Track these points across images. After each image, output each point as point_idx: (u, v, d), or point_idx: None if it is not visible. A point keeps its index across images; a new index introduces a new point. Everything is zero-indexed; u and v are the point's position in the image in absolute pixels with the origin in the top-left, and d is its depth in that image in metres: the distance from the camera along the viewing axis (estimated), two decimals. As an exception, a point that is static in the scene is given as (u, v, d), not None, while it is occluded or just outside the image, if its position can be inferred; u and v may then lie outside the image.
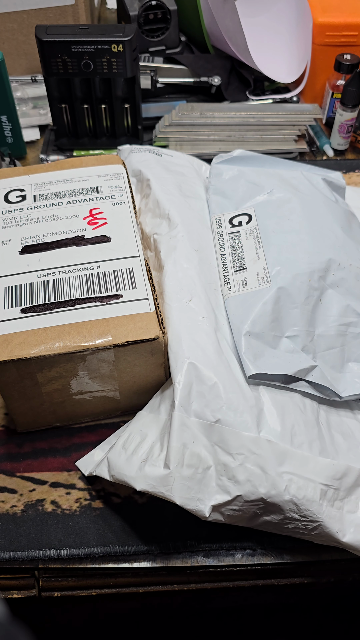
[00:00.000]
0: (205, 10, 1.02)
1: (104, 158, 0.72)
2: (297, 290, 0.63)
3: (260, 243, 0.67)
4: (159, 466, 0.54)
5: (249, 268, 0.66)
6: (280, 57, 1.07)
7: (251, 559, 0.60)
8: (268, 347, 0.61)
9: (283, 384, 0.60)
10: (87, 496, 0.63)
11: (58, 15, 1.02)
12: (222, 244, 0.69)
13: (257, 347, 0.60)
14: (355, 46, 1.01)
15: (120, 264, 0.61)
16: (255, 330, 0.60)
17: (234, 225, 0.70)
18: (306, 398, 0.61)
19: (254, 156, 0.80)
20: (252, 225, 0.70)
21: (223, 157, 0.79)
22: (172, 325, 0.59)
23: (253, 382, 0.59)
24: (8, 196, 0.67)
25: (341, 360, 0.64)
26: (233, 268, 0.66)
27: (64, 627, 0.74)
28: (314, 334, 0.63)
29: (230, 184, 0.75)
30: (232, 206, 0.73)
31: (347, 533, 0.54)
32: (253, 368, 0.58)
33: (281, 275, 0.64)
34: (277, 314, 0.62)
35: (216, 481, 0.55)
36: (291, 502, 0.54)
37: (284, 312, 0.62)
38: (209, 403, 0.56)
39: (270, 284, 0.63)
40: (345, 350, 0.65)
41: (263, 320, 0.61)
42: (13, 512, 0.61)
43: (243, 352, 0.59)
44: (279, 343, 0.61)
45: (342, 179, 0.80)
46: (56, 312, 0.57)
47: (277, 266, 0.65)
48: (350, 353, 0.65)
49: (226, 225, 0.71)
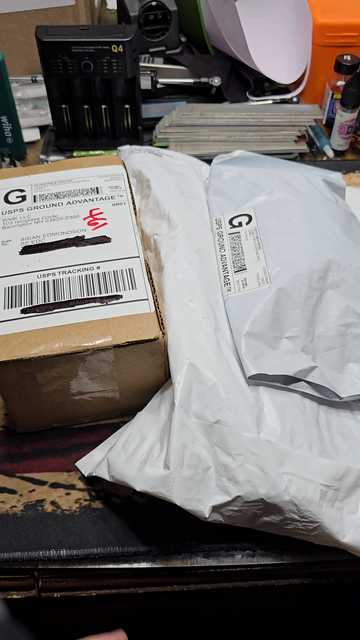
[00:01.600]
0: (206, 11, 1.02)
1: (104, 158, 0.72)
2: (297, 290, 0.63)
3: (260, 244, 0.67)
4: (158, 467, 0.54)
5: (249, 268, 0.66)
6: (281, 57, 1.07)
7: (251, 560, 0.60)
8: (268, 347, 0.61)
9: (283, 385, 0.60)
10: (86, 497, 0.62)
11: (58, 16, 1.02)
12: (222, 245, 0.69)
13: (257, 347, 0.60)
14: (355, 47, 1.01)
15: (120, 264, 0.61)
16: (255, 331, 0.60)
17: (234, 225, 0.70)
18: (306, 398, 0.61)
19: (254, 157, 0.80)
20: (252, 225, 0.70)
21: (223, 158, 0.79)
22: (172, 325, 0.59)
23: (253, 382, 0.59)
24: (8, 196, 0.67)
25: (341, 361, 0.64)
26: (233, 269, 0.66)
27: (63, 628, 0.74)
28: (314, 334, 0.63)
29: (230, 185, 0.75)
30: (232, 207, 0.73)
31: (347, 534, 0.54)
32: (253, 369, 0.58)
33: (281, 275, 0.64)
34: (277, 315, 0.62)
35: (216, 482, 0.55)
36: (291, 503, 0.54)
37: (284, 312, 0.62)
38: (209, 403, 0.56)
39: (270, 285, 0.63)
40: (345, 350, 0.65)
41: (263, 321, 0.61)
42: (13, 512, 0.61)
43: (243, 352, 0.59)
44: (279, 343, 0.61)
45: (342, 179, 0.80)
46: (56, 312, 0.57)
47: (277, 267, 0.65)
48: (350, 354, 0.65)
49: (226, 226, 0.71)
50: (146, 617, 0.73)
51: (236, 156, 0.79)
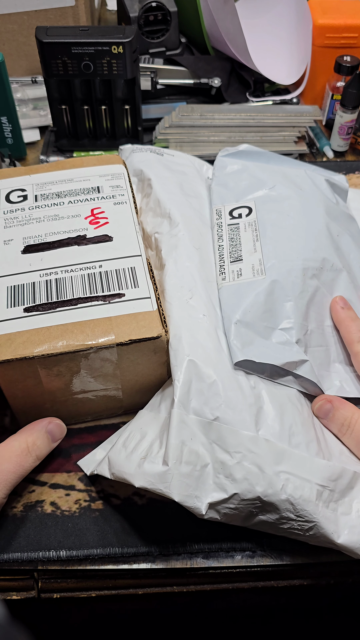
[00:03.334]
0: (206, 12, 1.02)
1: (104, 158, 0.71)
2: (291, 284, 0.64)
3: (258, 236, 0.68)
4: (157, 463, 0.54)
5: (245, 259, 0.66)
6: (280, 58, 1.07)
7: (250, 561, 0.60)
8: (259, 337, 0.61)
9: (268, 377, 0.60)
10: (86, 497, 0.62)
11: (58, 17, 1.02)
12: (221, 235, 0.69)
13: (246, 335, 0.60)
14: (356, 48, 1.01)
15: (122, 263, 0.61)
16: (246, 319, 0.61)
17: (233, 217, 0.71)
18: (303, 398, 0.61)
19: (259, 152, 0.81)
20: (251, 218, 0.70)
21: (229, 151, 0.80)
22: (172, 322, 0.59)
23: (253, 379, 0.59)
24: (9, 196, 0.67)
25: (327, 359, 0.65)
26: (229, 259, 0.67)
27: (63, 629, 0.74)
28: (307, 328, 0.64)
29: (233, 177, 0.76)
30: (233, 198, 0.73)
31: (342, 534, 0.54)
32: (240, 355, 0.58)
33: (276, 268, 0.64)
34: (270, 306, 0.62)
35: (213, 479, 0.55)
36: (287, 502, 0.54)
37: (277, 304, 0.63)
38: (208, 401, 0.56)
39: (264, 276, 0.64)
40: (331, 350, 0.65)
41: (255, 310, 0.61)
42: (12, 513, 0.61)
43: (232, 339, 0.59)
44: (272, 334, 0.62)
45: (346, 182, 0.80)
46: (59, 311, 0.57)
47: (272, 259, 0.65)
48: (337, 354, 0.65)
49: (226, 217, 0.71)
50: (146, 618, 0.73)
51: (242, 150, 0.80)
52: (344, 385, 0.64)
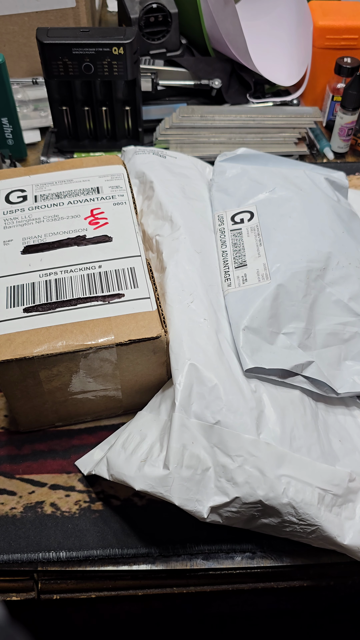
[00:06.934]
0: (206, 13, 1.02)
1: (104, 159, 0.72)
2: (296, 287, 0.64)
3: (261, 240, 0.68)
4: (158, 466, 0.54)
5: (249, 265, 0.66)
6: (281, 60, 1.07)
7: (250, 562, 0.60)
8: (265, 342, 0.61)
9: (280, 379, 0.60)
10: (86, 498, 0.62)
11: (59, 18, 1.02)
12: (224, 241, 0.69)
13: (254, 342, 0.60)
14: (356, 49, 1.01)
15: (122, 263, 0.61)
16: (254, 326, 0.61)
17: (235, 222, 0.71)
18: (306, 399, 0.61)
19: (257, 155, 0.80)
20: (253, 222, 0.70)
21: (227, 155, 0.80)
22: (173, 326, 0.59)
23: (254, 383, 0.59)
24: (9, 197, 0.67)
25: (338, 358, 0.65)
26: (234, 264, 0.67)
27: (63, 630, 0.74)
28: (311, 331, 0.64)
29: (233, 182, 0.76)
30: (234, 203, 0.73)
31: (347, 537, 0.54)
32: (250, 362, 0.58)
33: (281, 272, 0.64)
34: (275, 311, 0.62)
35: (215, 482, 0.55)
36: (289, 505, 0.53)
37: (282, 309, 0.63)
38: (209, 404, 0.56)
39: (269, 281, 0.64)
40: (341, 348, 0.65)
41: (261, 316, 0.61)
42: (12, 514, 0.61)
43: (241, 346, 0.59)
44: (276, 339, 0.62)
45: (345, 179, 0.80)
46: (58, 311, 0.57)
47: (277, 263, 0.65)
48: (347, 352, 0.65)
49: (228, 222, 0.71)
50: (145, 619, 0.72)
51: (240, 154, 0.80)
52: (357, 380, 0.64)
